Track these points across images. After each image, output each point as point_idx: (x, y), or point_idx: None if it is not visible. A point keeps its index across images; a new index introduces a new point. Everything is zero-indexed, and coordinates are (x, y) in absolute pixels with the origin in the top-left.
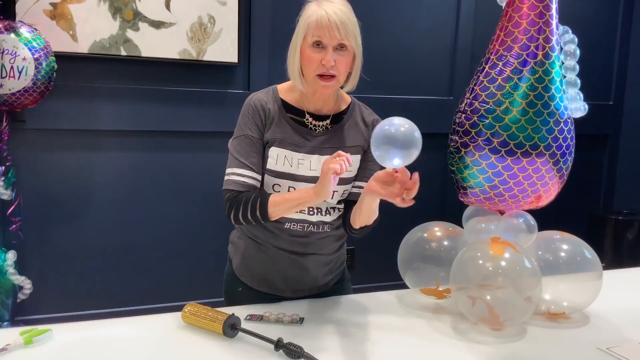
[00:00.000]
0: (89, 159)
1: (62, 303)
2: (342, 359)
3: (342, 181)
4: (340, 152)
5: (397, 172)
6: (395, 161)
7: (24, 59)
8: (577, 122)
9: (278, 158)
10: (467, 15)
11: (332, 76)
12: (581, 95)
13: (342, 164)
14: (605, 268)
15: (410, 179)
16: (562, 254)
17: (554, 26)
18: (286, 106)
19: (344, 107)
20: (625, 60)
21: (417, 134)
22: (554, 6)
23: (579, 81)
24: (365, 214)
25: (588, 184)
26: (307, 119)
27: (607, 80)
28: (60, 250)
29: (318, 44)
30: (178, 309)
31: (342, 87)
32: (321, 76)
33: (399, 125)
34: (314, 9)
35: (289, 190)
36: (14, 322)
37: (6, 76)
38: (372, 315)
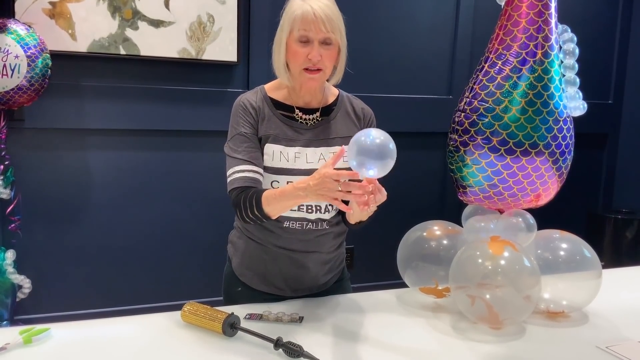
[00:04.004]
0: (88, 158)
1: (62, 302)
2: (342, 357)
3: None
4: (341, 172)
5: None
6: (371, 172)
7: (17, 56)
8: (576, 121)
9: (274, 154)
10: (466, 14)
11: (319, 70)
12: (580, 94)
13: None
14: (604, 267)
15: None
16: (562, 253)
17: (553, 25)
18: (275, 103)
19: (332, 99)
20: (624, 59)
21: (392, 145)
22: (553, 5)
23: (578, 80)
24: (357, 216)
25: (587, 183)
26: (297, 114)
27: (607, 79)
28: (59, 249)
29: (304, 39)
30: (177, 308)
31: (327, 80)
32: (307, 70)
33: (375, 137)
34: (299, 4)
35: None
36: (13, 321)
37: None
38: (372, 314)
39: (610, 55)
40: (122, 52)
